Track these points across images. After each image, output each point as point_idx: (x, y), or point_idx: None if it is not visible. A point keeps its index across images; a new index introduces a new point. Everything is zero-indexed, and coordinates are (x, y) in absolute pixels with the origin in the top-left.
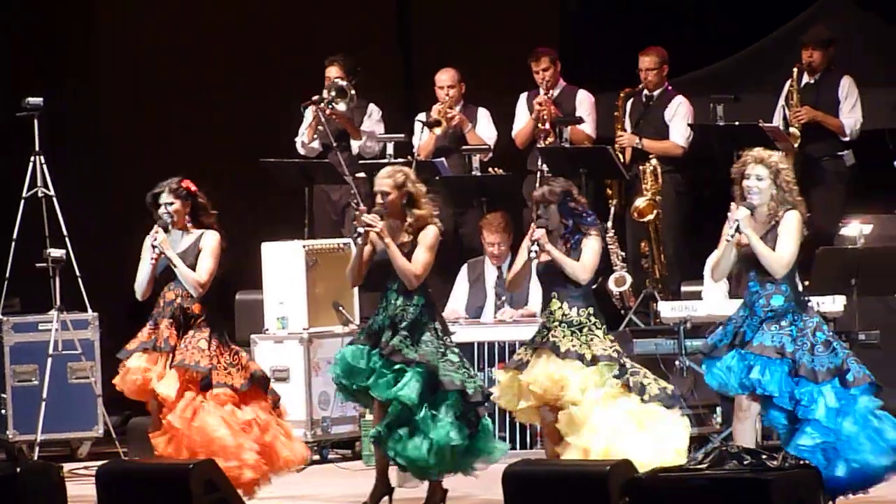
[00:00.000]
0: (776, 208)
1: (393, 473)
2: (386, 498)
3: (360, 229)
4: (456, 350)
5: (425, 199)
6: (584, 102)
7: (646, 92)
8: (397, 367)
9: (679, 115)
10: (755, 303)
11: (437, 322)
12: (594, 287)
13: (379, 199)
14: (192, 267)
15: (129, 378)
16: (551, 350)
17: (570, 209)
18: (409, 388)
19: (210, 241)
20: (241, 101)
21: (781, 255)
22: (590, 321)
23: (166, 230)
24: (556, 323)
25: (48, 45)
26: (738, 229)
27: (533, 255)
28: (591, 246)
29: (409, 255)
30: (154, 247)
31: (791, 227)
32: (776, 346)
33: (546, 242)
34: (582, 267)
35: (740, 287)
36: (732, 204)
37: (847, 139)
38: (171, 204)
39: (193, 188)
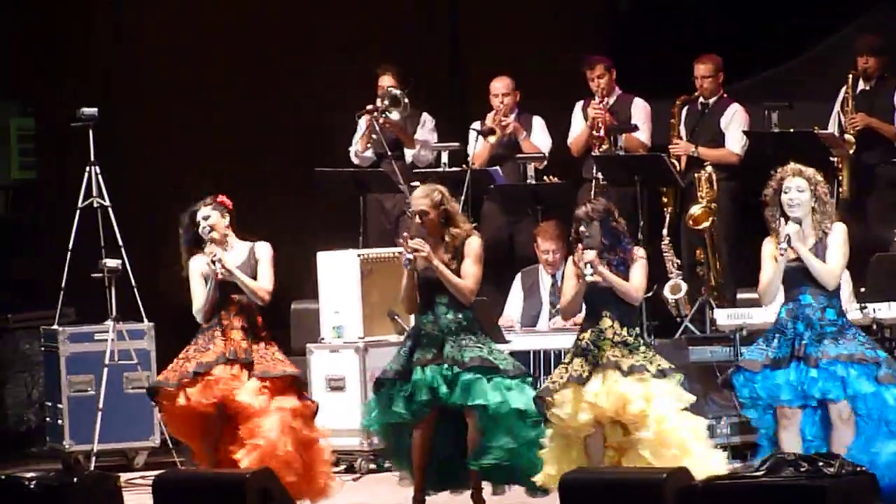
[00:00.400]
0: (821, 220)
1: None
2: None
3: (409, 255)
4: None
5: (462, 216)
6: (640, 110)
7: (701, 99)
8: (478, 375)
9: (735, 123)
10: (810, 316)
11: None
12: (650, 295)
13: (417, 220)
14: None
15: (217, 388)
16: (615, 368)
17: (611, 228)
18: (520, 397)
19: (265, 251)
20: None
21: (834, 267)
22: (639, 341)
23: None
24: (608, 342)
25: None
26: (789, 243)
27: (590, 277)
28: (640, 267)
29: (455, 272)
30: (214, 262)
31: (840, 238)
32: (856, 353)
33: (599, 264)
34: (635, 288)
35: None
36: (781, 220)
37: None
38: (208, 218)
39: (228, 202)
